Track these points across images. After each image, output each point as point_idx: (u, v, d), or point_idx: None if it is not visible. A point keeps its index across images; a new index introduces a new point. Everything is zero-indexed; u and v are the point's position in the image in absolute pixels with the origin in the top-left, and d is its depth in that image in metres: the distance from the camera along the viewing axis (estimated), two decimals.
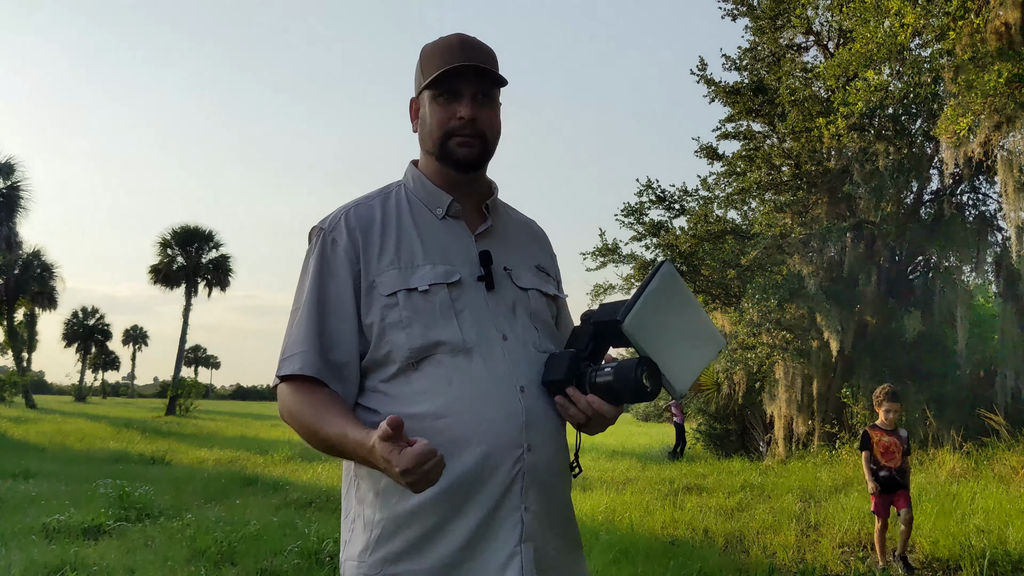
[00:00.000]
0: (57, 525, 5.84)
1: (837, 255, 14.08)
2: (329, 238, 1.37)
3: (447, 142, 1.38)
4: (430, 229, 1.39)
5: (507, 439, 1.27)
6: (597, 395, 1.30)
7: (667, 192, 16.55)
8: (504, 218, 1.51)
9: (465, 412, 1.26)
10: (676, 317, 1.35)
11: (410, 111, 1.47)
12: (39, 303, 42.24)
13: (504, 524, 1.26)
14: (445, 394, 1.27)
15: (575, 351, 1.34)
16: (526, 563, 1.26)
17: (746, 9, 15.37)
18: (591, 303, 18.05)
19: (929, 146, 13.34)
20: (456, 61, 1.35)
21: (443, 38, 1.41)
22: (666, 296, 1.33)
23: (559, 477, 1.36)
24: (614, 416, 1.32)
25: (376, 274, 1.33)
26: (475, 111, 1.37)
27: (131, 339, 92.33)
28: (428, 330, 1.29)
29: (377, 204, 1.41)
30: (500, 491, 1.26)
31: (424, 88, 1.39)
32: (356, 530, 1.31)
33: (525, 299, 1.42)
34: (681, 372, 1.34)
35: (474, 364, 1.30)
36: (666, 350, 1.31)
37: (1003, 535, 5.87)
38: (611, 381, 1.27)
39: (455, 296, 1.33)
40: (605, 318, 1.33)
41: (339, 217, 1.39)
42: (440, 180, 1.43)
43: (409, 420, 1.24)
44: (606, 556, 5.33)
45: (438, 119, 1.38)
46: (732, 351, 13.94)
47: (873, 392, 5.85)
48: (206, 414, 38.02)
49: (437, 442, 1.23)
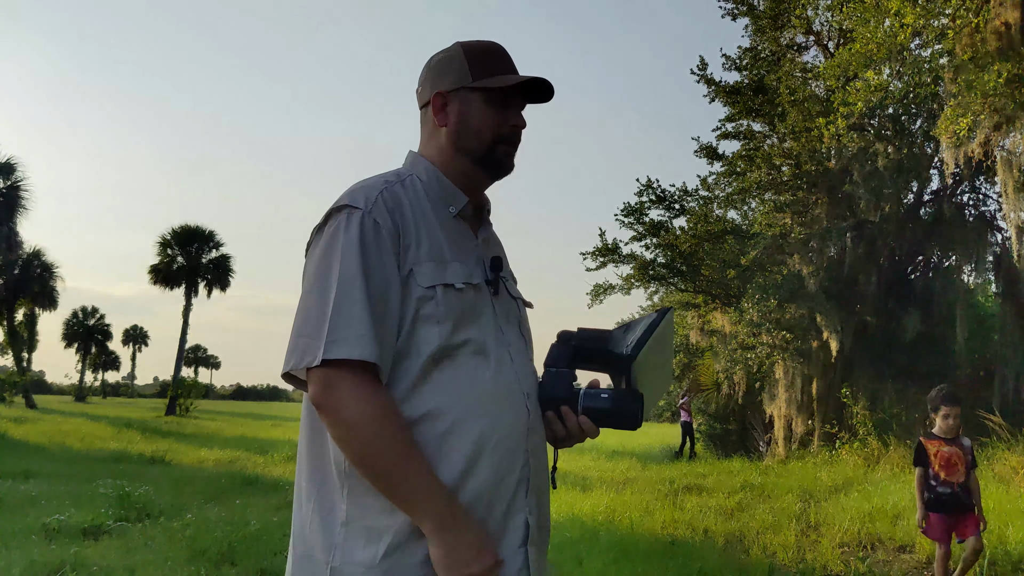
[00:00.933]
0: (57, 525, 5.83)
1: (837, 255, 14.08)
2: (370, 220, 1.25)
3: (495, 147, 1.38)
4: (447, 227, 1.36)
5: (517, 444, 1.29)
6: (588, 417, 1.34)
7: (667, 192, 16.56)
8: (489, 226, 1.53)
9: (482, 415, 1.25)
10: (660, 358, 1.46)
11: (433, 104, 1.40)
12: (39, 303, 42.18)
13: (512, 527, 1.28)
14: (464, 395, 1.25)
15: (572, 373, 1.40)
16: (532, 564, 1.29)
17: (746, 9, 15.38)
18: (591, 303, 18.08)
19: (929, 146, 13.34)
20: (513, 71, 1.39)
21: (484, 42, 1.43)
22: (663, 339, 1.43)
23: (547, 483, 1.40)
24: (592, 437, 1.37)
25: (415, 263, 1.27)
26: (523, 122, 1.41)
27: (131, 339, 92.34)
28: (458, 328, 1.27)
29: (400, 190, 1.33)
30: (510, 495, 1.27)
31: (473, 89, 1.37)
32: (354, 535, 1.21)
33: (516, 308, 1.45)
34: (649, 406, 1.43)
35: (491, 367, 1.30)
36: (646, 386, 1.40)
37: (1003, 535, 5.87)
38: (609, 408, 1.34)
39: (476, 298, 1.33)
40: (594, 345, 1.40)
41: (375, 198, 1.28)
42: (461, 179, 1.40)
43: (426, 419, 1.23)
44: (606, 556, 5.33)
45: (491, 123, 1.38)
46: (732, 351, 13.94)
47: (928, 395, 4.85)
48: (206, 414, 38.02)
49: (451, 443, 1.23)
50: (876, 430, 12.22)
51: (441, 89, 1.40)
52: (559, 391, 1.36)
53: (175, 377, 37.94)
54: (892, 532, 6.52)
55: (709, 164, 16.87)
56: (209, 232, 38.71)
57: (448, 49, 1.43)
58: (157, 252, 37.98)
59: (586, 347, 1.40)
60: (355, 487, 1.22)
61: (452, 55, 1.41)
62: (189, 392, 37.87)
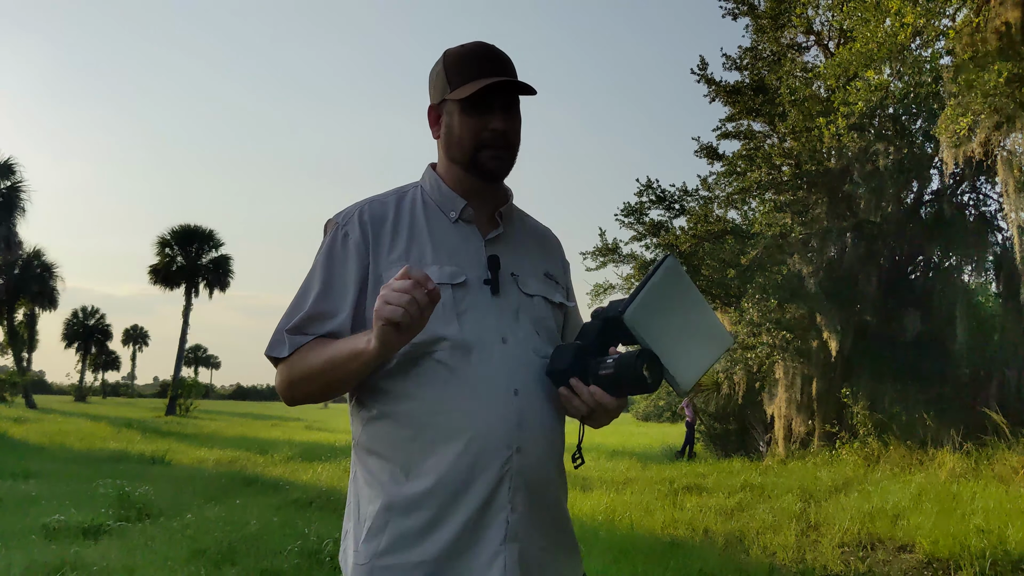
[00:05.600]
0: (57, 525, 5.83)
1: (837, 255, 14.07)
2: (341, 232, 1.40)
3: (478, 154, 1.40)
4: (442, 231, 1.42)
5: (496, 440, 1.29)
6: (600, 387, 1.31)
7: (667, 192, 16.55)
8: (517, 225, 1.53)
9: (456, 410, 1.29)
10: (681, 312, 1.35)
11: (429, 117, 1.48)
12: (39, 303, 42.21)
13: (490, 524, 1.28)
14: (439, 391, 1.30)
15: (580, 344, 1.35)
16: (509, 563, 1.28)
17: (747, 8, 15.38)
18: (591, 303, 18.07)
19: (929, 146, 13.33)
20: (485, 74, 1.37)
21: (466, 47, 1.43)
22: (670, 291, 1.34)
23: (549, 479, 1.37)
24: (616, 408, 1.33)
25: (385, 268, 1.36)
26: (506, 123, 1.40)
27: (131, 339, 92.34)
28: (429, 326, 1.29)
29: (391, 203, 1.45)
30: (488, 491, 1.28)
31: (451, 99, 1.40)
32: (351, 518, 1.37)
33: (529, 305, 1.44)
34: (685, 368, 1.34)
35: (471, 364, 1.32)
36: (670, 345, 1.32)
37: (1003, 535, 5.87)
38: (612, 372, 1.29)
39: (459, 297, 1.35)
40: (611, 313, 1.34)
41: (353, 212, 1.42)
42: (459, 186, 1.45)
43: (402, 415, 1.31)
44: (606, 556, 5.33)
45: (470, 131, 1.39)
46: (732, 351, 13.93)
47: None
48: (206, 414, 38.04)
49: (427, 436, 1.29)
50: (876, 430, 12.23)
51: (432, 103, 1.47)
52: (559, 363, 1.34)
53: (175, 377, 37.97)
54: (892, 532, 6.52)
55: (709, 164, 16.87)
56: (209, 232, 38.75)
57: (437, 61, 1.46)
58: (157, 252, 38.02)
59: (610, 318, 1.34)
60: (357, 477, 1.38)
61: (436, 68, 1.46)
62: (189, 392, 37.90)
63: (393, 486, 1.30)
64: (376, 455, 1.33)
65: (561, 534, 1.41)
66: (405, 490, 1.29)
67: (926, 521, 6.55)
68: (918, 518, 6.77)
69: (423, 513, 1.27)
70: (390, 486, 1.30)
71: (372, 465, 1.34)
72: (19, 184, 33.48)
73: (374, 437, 1.34)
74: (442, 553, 1.26)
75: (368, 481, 1.34)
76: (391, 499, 1.29)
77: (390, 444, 1.32)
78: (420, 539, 1.27)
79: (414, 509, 1.28)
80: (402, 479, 1.29)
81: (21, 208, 33.51)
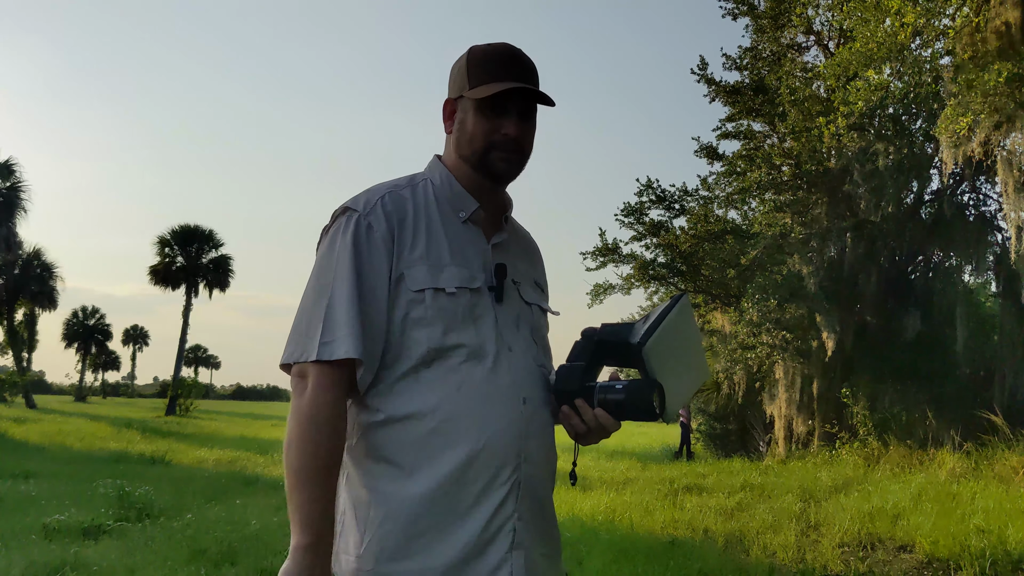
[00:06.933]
0: (57, 525, 5.83)
1: (837, 255, 14.07)
2: (365, 222, 1.32)
3: (488, 154, 1.39)
4: (453, 230, 1.39)
5: (506, 448, 1.29)
6: (604, 410, 1.33)
7: (667, 192, 16.55)
8: (513, 231, 1.53)
9: (468, 417, 1.28)
10: (681, 347, 1.42)
11: (444, 111, 1.46)
12: (39, 303, 42.19)
13: (499, 532, 1.28)
14: (452, 397, 1.28)
15: (584, 365, 1.37)
16: (516, 570, 1.28)
17: (747, 8, 15.38)
18: (591, 303, 18.07)
19: (929, 146, 13.33)
20: (506, 78, 1.36)
21: (492, 47, 1.41)
22: (680, 327, 1.40)
23: (547, 488, 1.40)
24: (614, 431, 1.36)
25: (407, 266, 1.31)
26: (520, 129, 1.38)
27: (131, 339, 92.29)
28: (448, 332, 1.29)
29: (408, 194, 1.39)
30: (498, 500, 1.28)
31: (468, 97, 1.39)
32: (348, 522, 1.30)
33: (528, 313, 1.44)
34: (674, 398, 1.40)
35: (484, 371, 1.31)
36: (668, 377, 1.37)
37: (1003, 535, 5.87)
38: (623, 399, 1.32)
39: (474, 302, 1.34)
40: (613, 338, 1.38)
41: (374, 202, 1.34)
42: (469, 184, 1.43)
43: (412, 419, 1.27)
44: (606, 556, 5.33)
45: (482, 131, 1.38)
46: (732, 351, 13.93)
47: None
48: (206, 414, 38.05)
49: (438, 442, 1.26)
50: (876, 430, 12.23)
51: (449, 97, 1.45)
52: (569, 384, 1.36)
53: (175, 377, 37.94)
54: (892, 532, 6.51)
55: (709, 164, 16.90)
56: (209, 232, 38.73)
57: (461, 56, 1.45)
58: (157, 252, 37.99)
59: (608, 341, 1.38)
60: (350, 477, 1.33)
61: (459, 63, 1.43)
62: (189, 392, 37.88)
63: (399, 491, 1.26)
64: (379, 459, 1.29)
65: (555, 541, 1.43)
66: (413, 496, 1.25)
67: (926, 521, 6.54)
68: (918, 518, 6.76)
69: (431, 520, 1.25)
70: (395, 491, 1.26)
71: (373, 469, 1.28)
72: (19, 184, 33.49)
73: (378, 441, 1.29)
74: (451, 560, 1.24)
75: (368, 485, 1.29)
76: (396, 505, 1.26)
77: (397, 448, 1.27)
78: (430, 547, 1.24)
79: (422, 515, 1.25)
80: (409, 484, 1.25)
81: (21, 208, 33.53)
